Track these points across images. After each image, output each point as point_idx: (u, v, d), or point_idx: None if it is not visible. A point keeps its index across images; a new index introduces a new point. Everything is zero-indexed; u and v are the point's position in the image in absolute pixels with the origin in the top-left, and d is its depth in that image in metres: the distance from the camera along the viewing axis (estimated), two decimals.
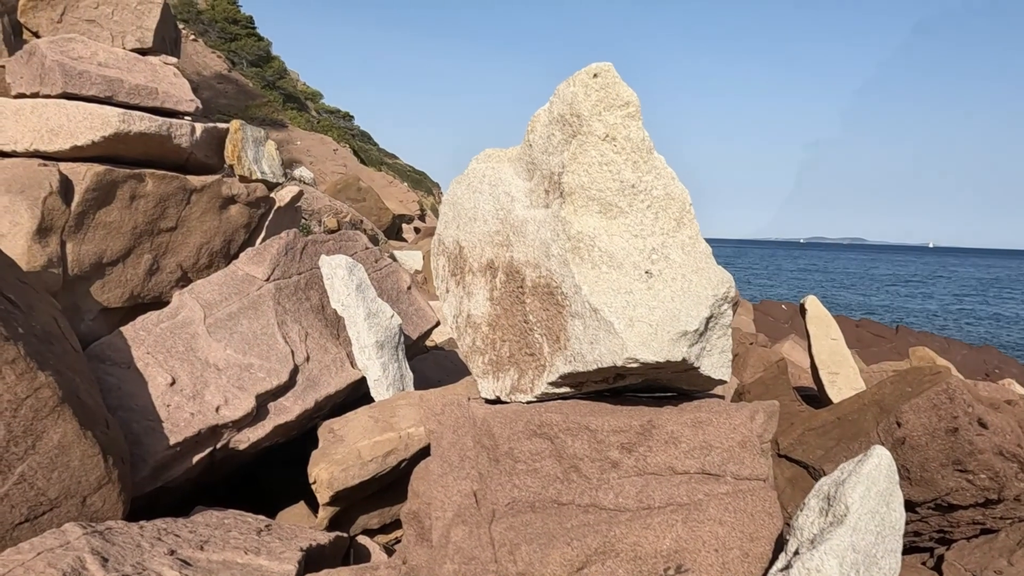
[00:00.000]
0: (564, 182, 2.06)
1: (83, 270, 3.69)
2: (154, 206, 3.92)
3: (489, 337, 2.34)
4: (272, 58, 55.82)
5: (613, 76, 2.07)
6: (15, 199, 3.56)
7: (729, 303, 2.02)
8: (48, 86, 3.93)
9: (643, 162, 2.06)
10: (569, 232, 2.01)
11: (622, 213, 2.04)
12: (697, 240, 2.08)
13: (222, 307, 4.01)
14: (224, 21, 51.13)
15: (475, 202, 2.43)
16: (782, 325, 18.20)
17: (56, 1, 4.19)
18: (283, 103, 49.64)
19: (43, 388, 2.75)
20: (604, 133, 2.04)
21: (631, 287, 1.95)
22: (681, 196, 2.08)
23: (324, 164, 36.17)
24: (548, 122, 2.19)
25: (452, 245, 2.55)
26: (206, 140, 4.25)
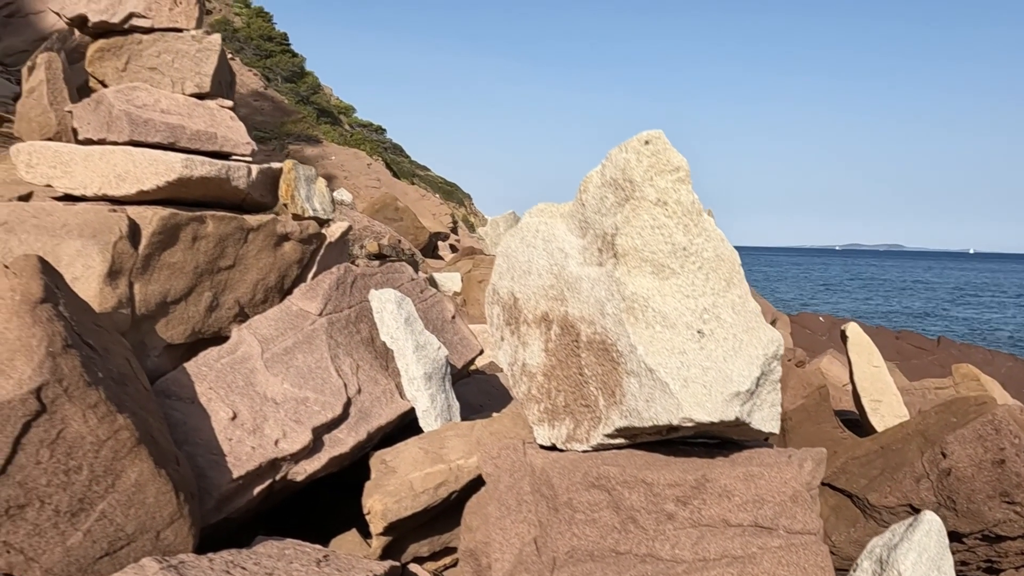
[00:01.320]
0: (618, 244, 2.17)
1: (149, 309, 3.88)
2: (214, 246, 4.11)
3: (544, 387, 2.45)
4: (306, 74, 56.83)
5: (663, 143, 2.18)
6: (87, 243, 3.77)
7: (778, 360, 2.11)
8: (116, 133, 4.14)
9: (693, 225, 2.16)
10: (624, 293, 2.12)
11: (674, 274, 2.14)
12: (747, 299, 2.17)
13: (278, 342, 4.18)
14: (259, 39, 52.19)
15: (529, 256, 2.55)
16: (820, 338, 18.01)
17: (121, 51, 4.41)
18: (317, 118, 50.48)
19: (122, 430, 2.92)
20: (656, 198, 2.15)
21: (684, 347, 2.05)
22: (731, 257, 2.17)
23: (358, 179, 36.69)
24: (601, 184, 2.30)
25: (507, 296, 2.67)
26: (261, 180, 4.44)
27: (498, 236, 8.42)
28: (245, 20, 50.15)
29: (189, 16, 4.48)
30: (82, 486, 2.85)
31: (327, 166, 36.08)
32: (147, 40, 4.43)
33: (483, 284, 8.14)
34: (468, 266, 8.76)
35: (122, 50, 4.42)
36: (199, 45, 4.49)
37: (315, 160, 36.07)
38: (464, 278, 8.54)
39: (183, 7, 4.47)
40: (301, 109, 46.46)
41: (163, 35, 4.45)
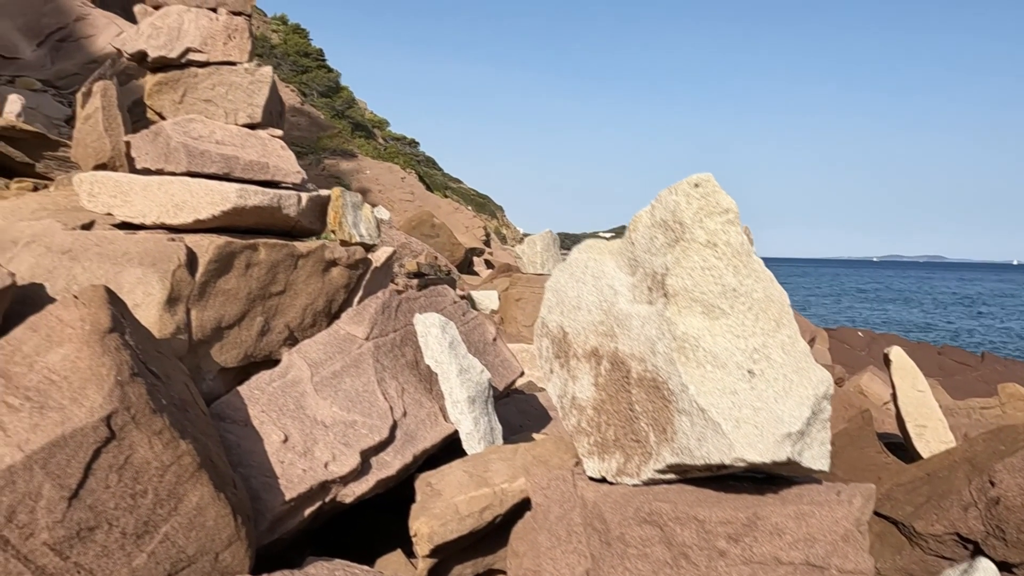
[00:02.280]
0: (668, 284, 2.22)
1: (205, 334, 4.02)
2: (266, 272, 4.24)
3: (594, 420, 2.51)
4: (341, 88, 57.73)
5: (713, 186, 2.23)
6: (147, 272, 3.92)
7: (828, 400, 2.14)
8: (173, 164, 4.31)
9: (743, 266, 2.21)
10: (675, 332, 2.17)
11: (724, 314, 2.19)
12: (796, 340, 2.21)
13: (327, 366, 4.29)
14: (296, 54, 53.18)
15: (578, 291, 2.61)
16: (859, 353, 17.77)
17: (178, 85, 4.59)
18: (352, 132, 51.24)
19: (184, 455, 3.04)
20: (706, 239, 2.20)
21: (735, 387, 2.09)
22: (780, 298, 2.22)
23: (392, 192, 37.10)
24: (650, 224, 2.36)
25: (556, 329, 2.74)
26: (311, 208, 4.58)
27: (535, 254, 8.51)
28: (282, 36, 51.19)
29: (242, 50, 4.65)
30: (147, 509, 2.97)
31: (362, 180, 36.58)
32: (202, 73, 4.60)
33: (520, 302, 8.23)
34: (505, 284, 8.85)
35: (179, 83, 4.59)
36: (251, 77, 4.65)
37: (350, 174, 36.63)
38: (501, 296, 8.63)
39: (237, 41, 4.64)
40: (336, 123, 47.26)
41: (218, 68, 4.61)
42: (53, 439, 2.81)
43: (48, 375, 2.99)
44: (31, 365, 3.03)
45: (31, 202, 5.08)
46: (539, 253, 8.41)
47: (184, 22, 4.54)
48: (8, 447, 2.78)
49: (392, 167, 39.11)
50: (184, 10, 4.57)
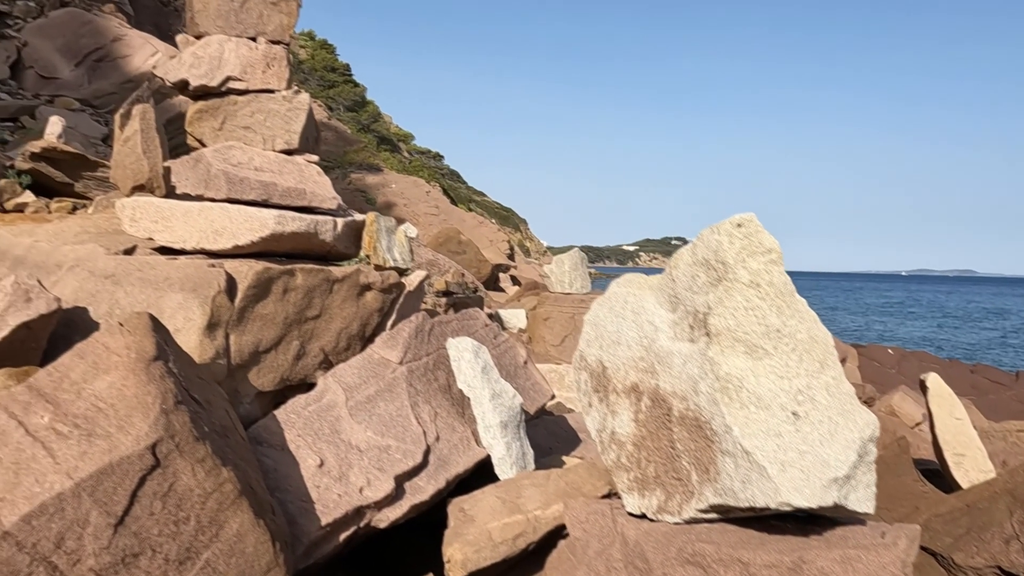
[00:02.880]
0: (711, 323, 2.23)
1: (243, 359, 4.08)
2: (302, 297, 4.30)
3: (634, 456, 2.51)
4: (367, 103, 58.34)
5: (756, 226, 2.24)
6: (188, 297, 4.00)
7: (874, 443, 2.13)
8: (213, 191, 4.40)
9: (787, 307, 2.21)
10: (718, 373, 2.18)
11: (767, 355, 2.19)
12: (841, 381, 2.20)
13: (361, 390, 4.33)
14: (323, 70, 53.87)
15: (618, 326, 2.62)
16: (889, 371, 17.50)
17: (218, 112, 4.68)
18: (377, 146, 51.74)
19: (226, 483, 3.09)
20: (749, 280, 2.21)
21: (780, 429, 2.09)
22: (824, 339, 2.21)
23: (417, 206, 37.35)
24: (692, 263, 2.37)
25: (595, 363, 2.75)
26: (346, 233, 4.64)
27: (563, 273, 8.52)
28: (310, 52, 51.89)
29: (280, 77, 4.74)
30: (189, 536, 3.02)
31: (387, 194, 36.88)
32: (242, 101, 4.69)
33: (548, 322, 8.24)
34: (533, 302, 8.87)
35: (219, 111, 4.69)
36: (289, 105, 4.74)
37: (376, 188, 36.95)
38: (529, 315, 8.65)
39: (275, 69, 4.73)
40: (362, 137, 47.75)
41: (256, 96, 4.71)
42: (101, 467, 2.87)
43: (95, 402, 3.06)
44: (79, 392, 3.10)
45: (74, 225, 5.20)
46: (567, 272, 8.42)
47: (225, 51, 4.64)
48: (58, 474, 2.84)
49: (417, 181, 39.42)
50: (225, 39, 4.67)
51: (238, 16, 4.69)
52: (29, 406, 3.06)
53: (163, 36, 33.22)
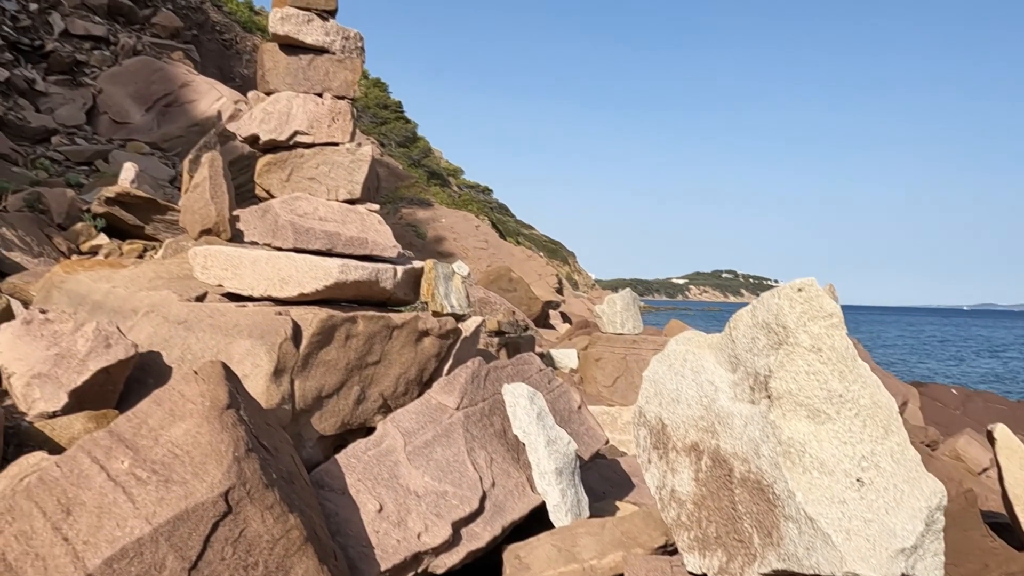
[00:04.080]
0: (772, 386, 2.25)
1: (307, 404, 4.21)
2: (363, 343, 4.43)
3: (695, 515, 2.53)
4: (418, 138, 59.52)
5: (816, 290, 2.27)
6: (256, 344, 4.16)
7: (941, 511, 2.11)
8: (280, 240, 4.58)
9: (848, 371, 2.22)
10: (780, 437, 2.19)
11: (830, 420, 2.20)
12: (906, 447, 2.19)
13: (419, 435, 4.42)
14: (376, 107, 55.27)
15: (677, 384, 2.66)
16: (953, 412, 16.86)
17: (286, 164, 4.90)
18: (428, 180, 52.66)
19: (292, 529, 3.20)
20: (810, 344, 2.23)
21: (844, 496, 2.09)
22: (888, 404, 2.21)
23: (467, 240, 37.79)
24: (752, 325, 2.40)
25: (654, 420, 2.78)
26: (405, 280, 4.77)
27: (615, 314, 8.54)
28: (363, 90, 53.36)
29: (344, 131, 4.94)
30: None
31: (437, 228, 37.43)
32: (308, 154, 4.91)
33: (600, 362, 8.25)
34: (584, 342, 8.89)
35: (286, 163, 4.90)
36: (352, 157, 4.93)
37: (426, 223, 37.53)
38: (581, 355, 8.66)
39: (340, 123, 4.93)
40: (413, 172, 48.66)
41: (322, 149, 4.92)
42: (177, 513, 3.00)
43: (172, 449, 3.21)
44: (157, 438, 3.25)
45: (148, 271, 5.45)
46: (619, 312, 8.43)
47: (293, 107, 4.87)
48: (137, 519, 2.98)
49: (467, 215, 39.92)
50: (293, 96, 4.90)
51: (305, 73, 4.92)
52: (110, 451, 3.22)
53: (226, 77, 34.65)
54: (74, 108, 13.61)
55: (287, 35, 4.79)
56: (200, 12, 31.90)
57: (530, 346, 8.46)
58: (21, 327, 4.43)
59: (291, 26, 4.80)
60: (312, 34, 4.87)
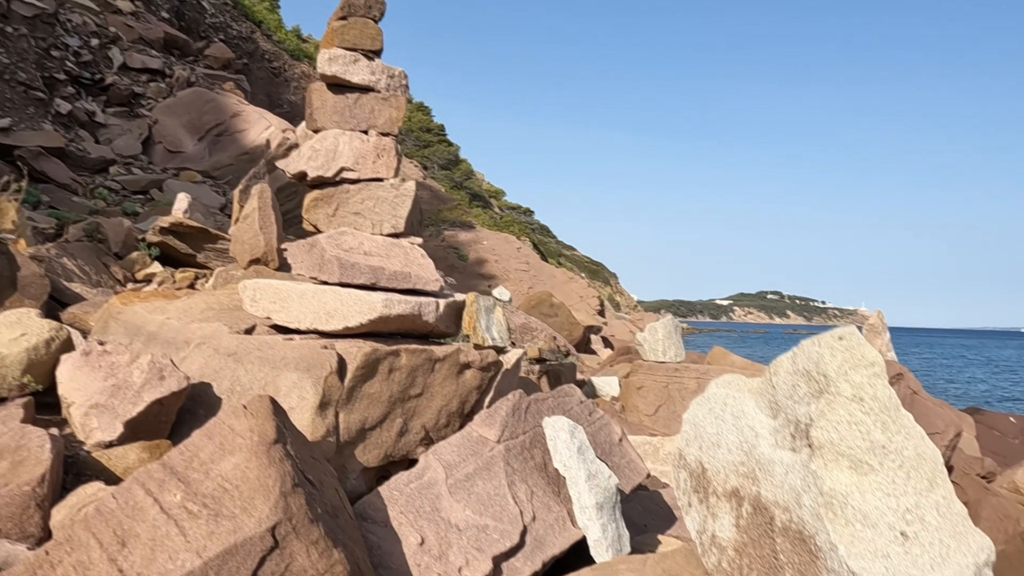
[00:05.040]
0: (813, 435, 2.24)
1: (350, 436, 4.29)
2: (406, 376, 4.51)
3: (736, 562, 2.51)
4: (460, 161, 60.16)
5: (857, 339, 2.26)
6: (302, 377, 4.26)
7: (989, 567, 2.07)
8: (326, 274, 4.70)
9: (892, 422, 2.20)
10: (821, 487, 2.18)
11: (873, 471, 2.18)
12: (952, 501, 2.16)
13: (460, 468, 4.46)
14: (419, 130, 56.10)
15: (718, 428, 2.66)
16: (1011, 442, 16.23)
17: (332, 200, 5.03)
18: (469, 202, 53.10)
19: (337, 564, 3.26)
20: (851, 393, 2.22)
21: (888, 550, 2.07)
22: (933, 456, 2.19)
23: (508, 262, 37.92)
24: (792, 372, 2.40)
25: (694, 464, 2.78)
26: (447, 313, 4.85)
27: (656, 342, 8.49)
28: (407, 114, 54.06)
29: (389, 167, 5.07)
30: None
31: (479, 250, 37.68)
32: (353, 189, 5.04)
33: (642, 391, 8.20)
34: (626, 369, 8.86)
35: (332, 199, 5.04)
36: (396, 192, 5.05)
37: (468, 245, 37.80)
38: (622, 383, 8.63)
39: (384, 159, 5.06)
40: (455, 194, 49.13)
41: (367, 184, 5.04)
42: (227, 547, 3.08)
43: (222, 483, 3.31)
44: (207, 472, 3.36)
45: (200, 302, 5.63)
46: (660, 340, 8.39)
47: (339, 144, 5.01)
48: (188, 552, 3.08)
49: (508, 237, 40.13)
50: (340, 133, 5.04)
51: (352, 112, 5.07)
52: (163, 484, 3.33)
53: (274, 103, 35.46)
54: (131, 138, 14.15)
55: (335, 75, 4.95)
56: (250, 42, 32.88)
57: (571, 374, 8.47)
58: (80, 358, 4.61)
59: (338, 66, 4.95)
60: (358, 74, 5.01)
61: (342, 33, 4.99)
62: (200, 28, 27.99)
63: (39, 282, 5.92)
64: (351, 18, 5.03)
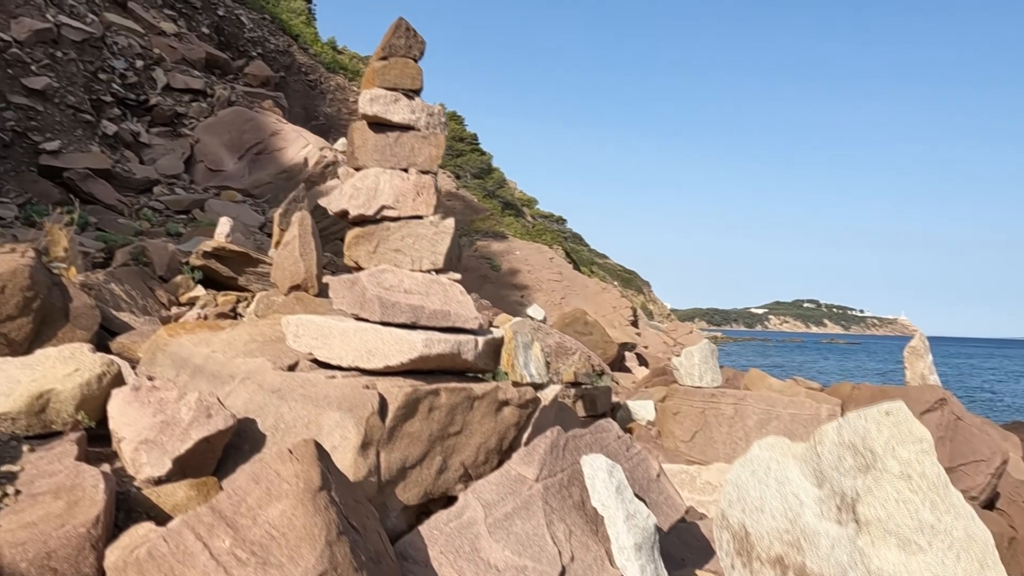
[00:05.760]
0: (860, 511, 2.24)
1: (391, 475, 4.36)
2: (446, 415, 4.56)
3: None
4: (493, 169, 60.46)
5: (905, 414, 2.24)
6: (345, 416, 4.34)
7: None
8: (367, 313, 4.78)
9: (940, 501, 2.19)
10: (869, 566, 2.17)
11: (921, 551, 2.17)
12: None
13: (499, 507, 4.50)
14: (452, 140, 56.60)
15: (761, 493, 2.66)
16: None
17: (372, 237, 5.12)
18: (502, 211, 53.28)
19: None
20: (899, 471, 2.21)
21: None
22: (983, 537, 2.16)
23: (541, 272, 37.94)
24: (838, 443, 2.39)
25: (737, 526, 2.79)
26: (486, 351, 4.90)
27: (692, 366, 8.45)
28: None
29: (428, 204, 5.14)
30: None
31: (512, 261, 37.76)
32: (393, 227, 5.11)
33: (678, 416, 8.16)
34: (661, 393, 8.82)
35: (373, 236, 5.12)
36: (436, 229, 5.11)
37: (501, 255, 37.90)
38: (658, 407, 8.60)
39: (424, 197, 5.13)
40: (487, 203, 49.36)
41: (407, 222, 5.12)
42: None
43: (269, 530, 3.39)
44: (255, 518, 3.44)
45: (243, 334, 5.76)
46: (696, 365, 8.35)
47: (380, 182, 5.10)
48: None
49: (541, 247, 40.18)
50: (381, 171, 5.13)
51: (392, 150, 5.15)
52: (213, 529, 3.42)
53: (310, 115, 35.92)
54: (174, 158, 14.48)
55: (376, 115, 5.04)
56: (287, 55, 33.46)
57: (607, 398, 8.46)
58: (130, 393, 4.75)
59: (379, 106, 5.04)
60: (399, 113, 5.10)
61: (383, 73, 5.08)
62: (239, 43, 28.58)
63: (90, 313, 6.10)
64: (392, 58, 5.12)
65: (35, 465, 4.23)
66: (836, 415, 8.08)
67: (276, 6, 38.02)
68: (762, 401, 8.04)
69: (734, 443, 7.95)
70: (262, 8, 34.33)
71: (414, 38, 5.19)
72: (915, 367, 9.78)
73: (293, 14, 39.73)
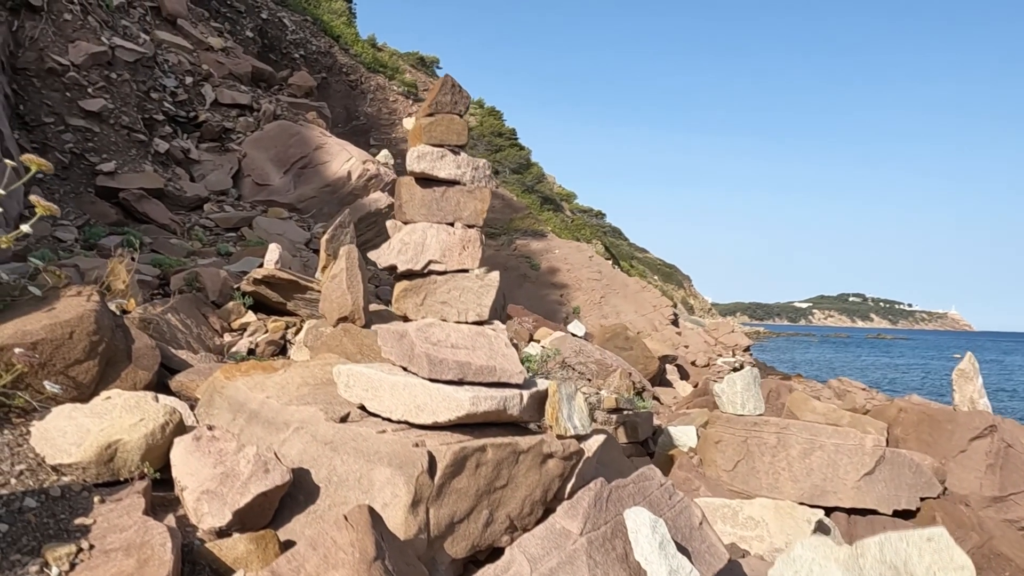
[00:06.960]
0: None
1: (440, 531, 4.51)
2: (492, 470, 4.70)
3: None
4: (532, 164, 60.34)
5: (947, 540, 2.29)
6: (395, 473, 4.50)
7: None
8: (415, 367, 4.94)
9: None
10: None
11: None
12: None
13: (544, 562, 4.63)
14: (491, 135, 56.54)
15: None
16: None
17: (420, 290, 5.27)
18: (540, 206, 53.18)
19: None
20: None
21: None
22: None
23: (580, 271, 37.88)
24: (880, 561, 2.45)
25: None
26: (531, 404, 5.02)
27: (735, 394, 8.45)
28: (479, 119, 54.74)
29: (474, 258, 5.26)
30: None
31: (551, 259, 37.75)
32: (440, 280, 5.25)
33: (720, 445, 8.19)
34: (703, 418, 8.84)
35: (420, 289, 5.27)
36: (481, 282, 5.24)
37: (540, 254, 37.91)
38: (700, 434, 8.64)
39: (469, 251, 5.26)
40: (526, 198, 49.29)
41: (453, 275, 5.25)
42: None
43: None
44: None
45: (296, 377, 5.97)
46: (739, 392, 8.35)
47: (427, 237, 5.24)
48: None
49: (580, 246, 40.10)
50: (428, 226, 5.27)
51: (439, 204, 5.29)
52: None
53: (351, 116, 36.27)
54: (222, 173, 14.86)
55: (423, 172, 5.17)
56: (329, 56, 33.87)
57: (648, 424, 8.52)
58: (192, 443, 4.98)
59: (426, 163, 5.17)
60: (445, 168, 5.23)
61: (430, 130, 5.21)
62: (282, 45, 29.04)
63: (151, 353, 6.38)
64: (438, 115, 5.24)
65: (106, 518, 4.48)
66: (881, 445, 8.03)
67: (317, 7, 38.51)
68: (805, 430, 8.02)
69: (777, 473, 7.95)
70: (304, 10, 34.81)
71: (459, 94, 5.31)
72: (964, 390, 9.62)
73: (334, 15, 40.15)
